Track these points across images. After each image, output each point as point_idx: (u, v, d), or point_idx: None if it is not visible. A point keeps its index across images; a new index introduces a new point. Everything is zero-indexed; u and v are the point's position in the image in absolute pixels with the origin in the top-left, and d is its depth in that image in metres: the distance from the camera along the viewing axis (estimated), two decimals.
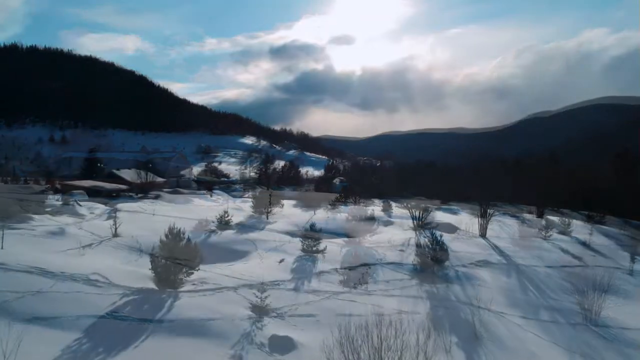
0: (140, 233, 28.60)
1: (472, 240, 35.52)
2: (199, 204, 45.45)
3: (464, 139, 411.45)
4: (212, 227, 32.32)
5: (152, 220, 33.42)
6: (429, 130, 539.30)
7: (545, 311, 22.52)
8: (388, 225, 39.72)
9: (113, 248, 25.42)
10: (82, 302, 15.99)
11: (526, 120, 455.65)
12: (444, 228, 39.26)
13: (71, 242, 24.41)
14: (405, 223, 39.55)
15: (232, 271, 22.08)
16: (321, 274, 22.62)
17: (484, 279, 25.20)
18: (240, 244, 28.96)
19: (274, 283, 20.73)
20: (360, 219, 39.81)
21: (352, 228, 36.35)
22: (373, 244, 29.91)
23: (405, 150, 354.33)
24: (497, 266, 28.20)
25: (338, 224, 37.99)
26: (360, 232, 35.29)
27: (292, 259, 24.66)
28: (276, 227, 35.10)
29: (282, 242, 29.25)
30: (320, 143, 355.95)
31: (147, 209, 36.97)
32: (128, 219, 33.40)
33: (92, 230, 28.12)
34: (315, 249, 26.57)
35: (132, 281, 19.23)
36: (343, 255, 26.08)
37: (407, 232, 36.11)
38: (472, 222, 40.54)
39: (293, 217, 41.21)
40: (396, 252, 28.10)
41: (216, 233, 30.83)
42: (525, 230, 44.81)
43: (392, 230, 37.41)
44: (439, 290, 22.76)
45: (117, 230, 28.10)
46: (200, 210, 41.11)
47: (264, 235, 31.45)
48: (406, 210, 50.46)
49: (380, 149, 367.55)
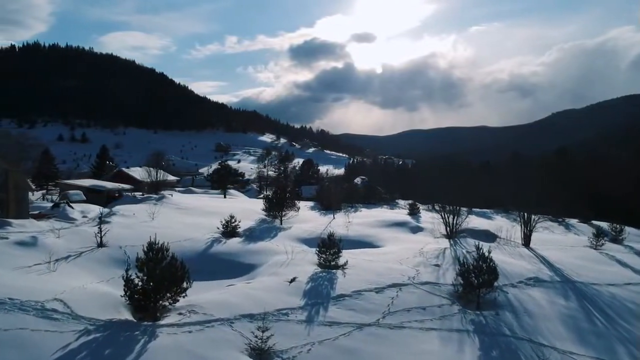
0: (131, 242, 24.62)
1: (516, 251, 30.83)
2: (207, 205, 41.45)
3: (488, 137, 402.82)
4: (215, 235, 28.22)
5: (150, 225, 29.44)
6: (451, 128, 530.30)
7: (622, 346, 18.01)
8: (417, 232, 35.19)
9: (94, 262, 21.48)
10: (20, 347, 11.92)
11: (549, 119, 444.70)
12: (481, 236, 34.62)
13: (43, 254, 20.49)
14: (437, 229, 34.96)
15: (230, 294, 17.88)
16: (341, 299, 18.29)
17: (539, 303, 20.65)
18: (247, 255, 24.81)
19: (281, 312, 16.49)
20: (385, 224, 35.36)
21: (377, 236, 31.95)
22: (402, 256, 25.44)
23: (428, 148, 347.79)
24: (550, 285, 23.50)
25: (361, 230, 33.59)
26: (387, 241, 30.87)
27: (306, 276, 20.35)
28: (290, 234, 30.88)
29: (296, 253, 24.98)
30: (340, 141, 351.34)
31: (148, 213, 33.03)
32: (123, 224, 29.55)
33: (74, 239, 24.22)
34: (334, 263, 22.26)
35: (102, 309, 15.20)
36: (367, 272, 21.67)
37: (440, 241, 31.54)
38: (510, 228, 35.92)
39: (310, 222, 37.00)
40: (430, 267, 23.60)
41: (220, 242, 26.71)
42: (573, 238, 39.87)
43: (422, 238, 32.86)
44: (488, 320, 18.29)
45: (104, 239, 24.13)
46: (207, 214, 37.12)
47: (275, 245, 27.23)
48: (436, 214, 45.90)
49: (402, 146, 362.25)
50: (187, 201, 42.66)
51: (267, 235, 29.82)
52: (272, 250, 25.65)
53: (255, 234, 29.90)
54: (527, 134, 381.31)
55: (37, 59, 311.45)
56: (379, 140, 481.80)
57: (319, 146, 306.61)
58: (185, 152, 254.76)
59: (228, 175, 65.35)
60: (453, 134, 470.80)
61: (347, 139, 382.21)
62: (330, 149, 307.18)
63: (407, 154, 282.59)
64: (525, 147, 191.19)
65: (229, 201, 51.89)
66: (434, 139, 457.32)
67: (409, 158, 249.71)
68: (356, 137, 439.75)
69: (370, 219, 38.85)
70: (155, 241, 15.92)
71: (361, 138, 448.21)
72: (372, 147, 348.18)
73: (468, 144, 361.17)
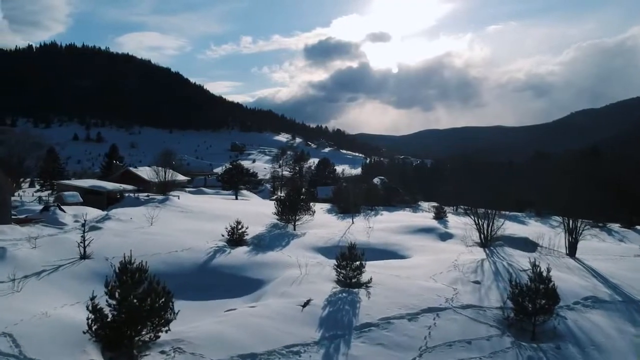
0: (121, 253, 21.31)
1: (561, 262, 26.97)
2: (214, 208, 38.13)
3: (505, 137, 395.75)
4: (219, 243, 24.83)
5: (146, 232, 26.18)
6: (467, 128, 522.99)
7: None
8: (447, 239, 31.45)
9: (72, 278, 18.21)
10: None
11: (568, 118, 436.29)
12: (520, 244, 30.78)
13: (9, 268, 17.25)
14: (469, 236, 31.18)
15: (229, 324, 14.45)
16: (366, 330, 14.74)
17: (606, 332, 16.90)
18: (253, 269, 21.36)
19: (291, 350, 13.02)
20: (411, 231, 31.69)
21: (402, 244, 28.32)
22: (435, 270, 21.80)
23: (444, 147, 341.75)
24: (612, 306, 19.65)
25: (384, 237, 29.95)
26: (414, 250, 27.22)
27: (322, 298, 16.87)
28: (304, 242, 27.38)
29: (310, 266, 21.46)
30: (356, 141, 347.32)
31: (147, 217, 29.73)
32: (116, 230, 26.32)
33: (54, 250, 21.00)
34: (356, 280, 18.73)
35: (63, 347, 11.94)
36: (396, 292, 18.09)
37: (474, 251, 27.80)
38: (553, 236, 32.05)
39: (326, 227, 33.47)
40: (470, 285, 19.90)
41: (223, 252, 23.29)
42: (620, 245, 35.81)
43: (453, 246, 29.12)
44: (549, 356, 14.67)
45: (90, 248, 20.88)
46: (214, 218, 33.80)
47: (287, 256, 23.77)
48: (465, 218, 42.21)
49: (419, 146, 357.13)
50: (193, 204, 39.37)
51: (278, 244, 26.34)
52: (282, 263, 22.18)
53: (264, 242, 26.44)
54: (545, 133, 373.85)
55: (54, 59, 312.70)
56: (395, 140, 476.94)
57: (335, 146, 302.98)
58: (200, 151, 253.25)
59: (240, 175, 62.06)
60: (469, 134, 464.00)
61: (363, 139, 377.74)
62: (346, 148, 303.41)
63: (424, 154, 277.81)
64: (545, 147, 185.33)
65: (239, 203, 48.61)
66: (450, 138, 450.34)
67: (426, 158, 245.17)
68: (372, 137, 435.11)
69: (393, 223, 35.20)
70: (131, 259, 12.51)
71: (377, 138, 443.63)
72: (388, 147, 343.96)
73: (485, 144, 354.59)
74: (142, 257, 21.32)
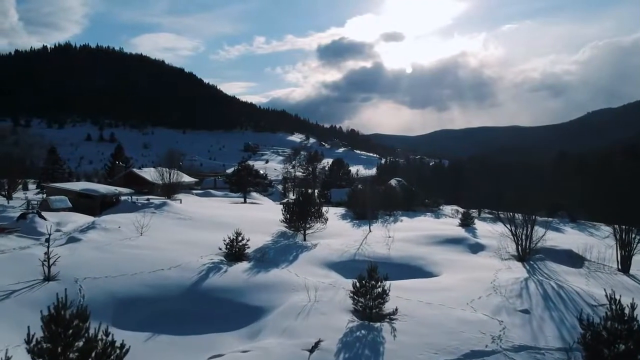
0: (97, 273, 17.98)
1: (616, 281, 23.11)
2: (217, 214, 34.64)
3: (522, 137, 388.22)
4: (215, 259, 21.29)
5: (132, 245, 22.74)
6: (483, 128, 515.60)
7: None
8: (478, 251, 27.54)
9: (25, 307, 14.73)
10: None
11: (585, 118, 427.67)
12: (563, 257, 26.81)
13: None
14: (503, 246, 27.30)
15: None
16: None
17: None
18: (252, 292, 17.75)
19: None
20: (436, 241, 27.85)
21: (427, 257, 24.53)
22: (471, 293, 18.05)
23: (460, 148, 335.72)
24: None
25: (406, 248, 26.17)
26: (442, 266, 23.41)
27: (335, 337, 13.23)
28: (315, 256, 23.71)
29: (322, 289, 17.83)
30: (370, 141, 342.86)
31: (139, 225, 26.26)
32: (98, 243, 22.91)
33: (16, 268, 17.65)
34: (377, 311, 15.05)
35: None
36: (428, 327, 14.39)
37: (512, 266, 23.97)
38: (589, 244, 28.24)
39: (340, 236, 29.78)
40: (518, 316, 16.12)
41: (219, 270, 19.74)
42: None
43: (487, 261, 25.26)
44: None
45: (58, 267, 17.46)
46: (215, 225, 30.33)
47: (294, 274, 20.14)
48: (493, 224, 38.30)
49: (434, 146, 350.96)
50: (194, 209, 35.89)
51: (285, 259, 22.69)
52: (288, 284, 18.55)
53: (269, 256, 22.78)
54: (563, 133, 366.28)
55: (68, 59, 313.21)
56: (409, 140, 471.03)
57: (349, 146, 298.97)
58: (213, 152, 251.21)
59: (249, 176, 58.51)
60: (485, 134, 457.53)
61: (377, 139, 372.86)
62: (361, 149, 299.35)
63: (440, 154, 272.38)
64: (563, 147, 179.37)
65: (245, 208, 45.08)
66: (465, 138, 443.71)
67: (442, 158, 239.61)
68: (386, 137, 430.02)
69: (416, 232, 31.35)
70: (65, 301, 8.99)
71: (391, 138, 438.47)
72: (402, 147, 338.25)
73: (502, 144, 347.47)
74: (120, 278, 17.93)
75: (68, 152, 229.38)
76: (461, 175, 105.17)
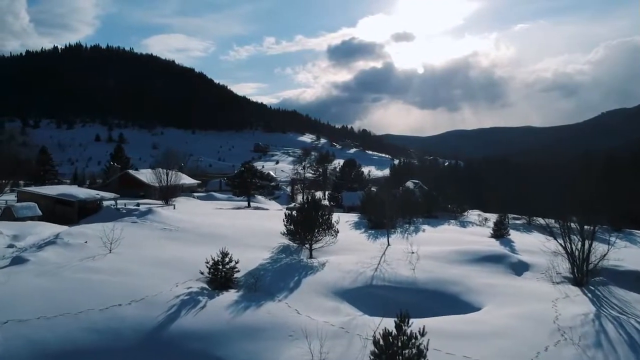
0: (25, 313, 13.43)
1: None
2: (209, 223, 29.92)
3: (535, 137, 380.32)
4: (195, 287, 16.64)
5: (92, 268, 18.11)
6: (496, 128, 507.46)
7: None
8: (522, 271, 22.56)
9: None
10: None
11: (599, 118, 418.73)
12: (629, 280, 21.82)
13: None
14: (552, 265, 22.36)
15: None
16: None
17: None
18: (236, 341, 13.05)
19: None
20: (470, 258, 22.90)
21: (463, 281, 19.63)
22: (534, 342, 13.26)
23: (473, 148, 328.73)
24: None
25: (434, 268, 21.27)
26: (482, 293, 18.53)
27: None
28: (322, 281, 18.91)
29: (331, 336, 13.08)
30: (382, 141, 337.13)
31: (109, 240, 21.66)
32: (49, 264, 18.31)
33: None
34: None
35: None
36: None
37: (569, 292, 19.03)
38: None
39: (353, 251, 24.94)
40: None
41: (196, 304, 15.07)
42: None
43: (536, 285, 20.31)
44: None
45: None
46: (205, 238, 25.70)
47: (294, 310, 15.42)
48: (526, 234, 33.64)
49: (446, 147, 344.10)
50: (185, 217, 31.15)
51: (284, 285, 17.89)
52: (285, 328, 13.82)
53: (263, 281, 17.99)
54: (577, 134, 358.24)
55: (78, 60, 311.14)
56: (421, 140, 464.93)
57: (361, 146, 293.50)
58: (222, 152, 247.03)
59: (253, 178, 53.75)
60: (498, 134, 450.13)
61: (388, 140, 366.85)
62: (372, 149, 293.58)
63: (453, 154, 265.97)
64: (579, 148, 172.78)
65: (246, 215, 40.33)
66: (478, 139, 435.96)
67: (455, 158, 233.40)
68: (397, 138, 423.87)
69: (443, 245, 26.38)
70: None
71: (402, 138, 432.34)
72: (414, 148, 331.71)
73: (515, 144, 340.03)
74: (59, 319, 13.34)
75: (77, 153, 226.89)
76: (479, 176, 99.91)
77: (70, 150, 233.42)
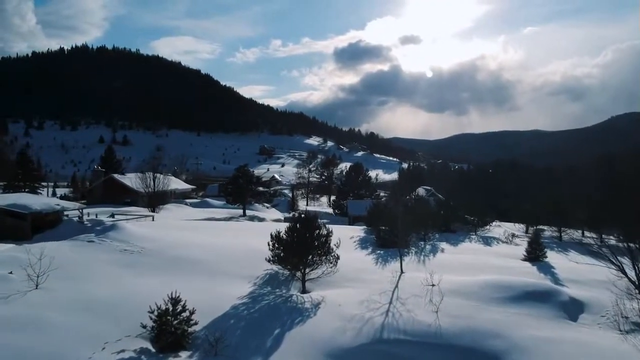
0: None
1: None
2: (186, 244, 24.84)
3: (544, 141, 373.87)
4: (132, 349, 11.69)
5: None
6: (504, 132, 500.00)
7: None
8: (578, 314, 17.33)
9: None
10: None
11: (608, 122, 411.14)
12: None
13: None
14: (615, 303, 17.22)
15: None
16: None
17: None
18: None
19: None
20: (508, 295, 17.72)
21: (505, 333, 14.52)
22: None
23: (481, 152, 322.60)
24: None
25: (464, 312, 16.14)
26: (536, 355, 13.40)
27: None
28: (313, 335, 13.87)
29: None
30: (390, 144, 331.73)
31: (42, 270, 16.81)
32: None
33: None
34: None
35: None
36: None
37: None
38: None
39: (358, 283, 19.77)
40: None
41: None
42: None
43: (600, 336, 15.13)
44: None
45: None
46: (172, 265, 20.77)
47: None
48: (563, 254, 28.65)
49: (454, 150, 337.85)
50: (156, 233, 26.01)
51: (257, 345, 12.85)
52: None
53: (231, 338, 12.94)
54: (587, 137, 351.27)
55: (85, 61, 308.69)
56: (428, 144, 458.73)
57: (368, 150, 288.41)
58: (227, 155, 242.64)
59: (249, 184, 48.75)
60: (507, 138, 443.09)
61: (396, 143, 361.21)
62: (380, 152, 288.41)
63: (461, 158, 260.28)
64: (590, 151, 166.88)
65: (235, 228, 35.16)
66: (485, 142, 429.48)
67: (464, 162, 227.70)
68: (405, 141, 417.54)
69: (470, 274, 21.12)
70: None
71: (410, 142, 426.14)
72: (422, 151, 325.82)
73: (524, 148, 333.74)
74: None
75: (80, 155, 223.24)
76: (493, 182, 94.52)
77: (74, 152, 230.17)
